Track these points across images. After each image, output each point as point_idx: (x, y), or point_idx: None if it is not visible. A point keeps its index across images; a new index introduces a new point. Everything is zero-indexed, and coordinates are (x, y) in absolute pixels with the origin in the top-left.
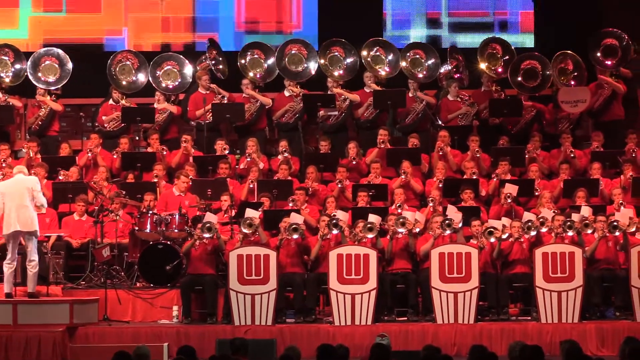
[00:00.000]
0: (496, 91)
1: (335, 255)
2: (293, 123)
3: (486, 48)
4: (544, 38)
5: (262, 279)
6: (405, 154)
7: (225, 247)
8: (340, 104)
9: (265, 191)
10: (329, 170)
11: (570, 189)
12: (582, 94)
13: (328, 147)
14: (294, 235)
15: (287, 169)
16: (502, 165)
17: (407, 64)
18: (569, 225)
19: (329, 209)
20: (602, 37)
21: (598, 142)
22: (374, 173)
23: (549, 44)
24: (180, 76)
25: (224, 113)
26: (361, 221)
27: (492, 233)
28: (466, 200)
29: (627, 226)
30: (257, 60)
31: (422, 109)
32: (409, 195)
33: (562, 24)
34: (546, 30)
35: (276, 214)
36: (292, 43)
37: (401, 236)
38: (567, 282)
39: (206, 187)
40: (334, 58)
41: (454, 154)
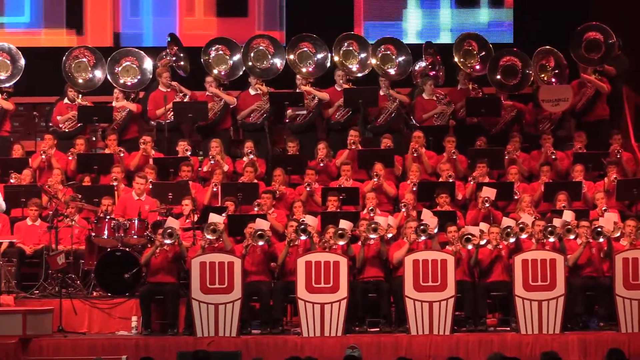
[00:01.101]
0: (473, 89)
1: (304, 263)
2: (259, 123)
3: (462, 44)
4: (524, 33)
5: (226, 288)
6: (377, 156)
7: (187, 254)
8: (308, 103)
9: (230, 195)
10: (297, 172)
11: (551, 192)
12: (563, 93)
13: (296, 148)
14: (259, 242)
15: (252, 171)
16: (480, 168)
17: (377, 60)
18: (550, 231)
19: (297, 214)
20: (585, 31)
21: (581, 143)
22: (344, 176)
23: (529, 39)
24: (140, 73)
25: (186, 112)
26: (331, 227)
27: (469, 239)
28: (442, 205)
29: (612, 232)
30: (221, 57)
31: (395, 108)
32: (382, 200)
33: (544, 17)
34: (526, 25)
35: (241, 219)
36: (259, 38)
37: (373, 242)
38: (548, 290)
39: (167, 191)
40: (303, 54)
41: (429, 155)
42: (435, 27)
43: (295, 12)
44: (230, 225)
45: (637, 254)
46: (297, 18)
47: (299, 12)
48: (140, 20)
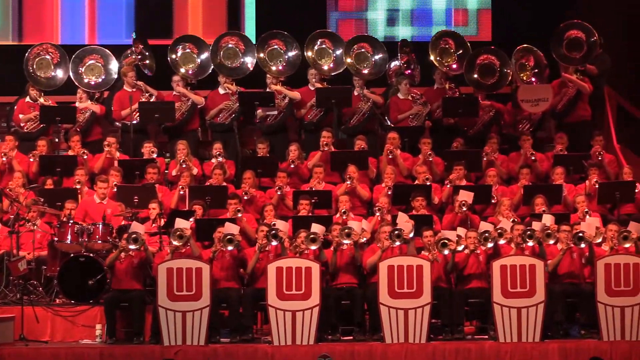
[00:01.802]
0: (450, 89)
1: (275, 269)
2: (228, 123)
3: (438, 42)
4: (502, 31)
5: (194, 295)
6: (350, 158)
7: (154, 259)
8: (279, 103)
9: (198, 198)
10: (267, 175)
11: (530, 195)
12: (543, 92)
13: (266, 149)
14: (229, 247)
15: (221, 174)
16: (457, 170)
17: (352, 59)
18: (529, 235)
19: (267, 218)
20: (566, 30)
21: (561, 145)
22: (316, 178)
23: (507, 37)
24: (105, 72)
25: (152, 113)
26: (303, 231)
27: (446, 244)
28: (417, 209)
29: (594, 237)
30: (189, 55)
31: (369, 108)
32: (355, 203)
33: (522, 15)
34: (504, 23)
35: (209, 224)
36: (228, 36)
37: (346, 248)
38: (527, 297)
39: (132, 194)
40: (273, 52)
41: (404, 157)
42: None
43: (264, 8)
44: (198, 229)
45: (619, 260)
46: (267, 14)
47: (268, 8)
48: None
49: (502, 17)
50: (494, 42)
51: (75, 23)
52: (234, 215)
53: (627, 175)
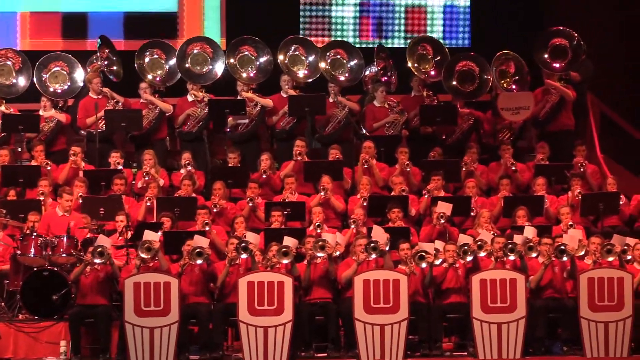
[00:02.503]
0: (428, 96)
1: (246, 283)
2: (197, 132)
3: (416, 48)
4: (481, 36)
5: (162, 310)
6: (324, 168)
7: (120, 274)
8: (250, 110)
9: (166, 210)
10: (238, 186)
11: (511, 206)
12: (524, 100)
13: (237, 159)
14: (198, 261)
15: (190, 184)
16: (435, 181)
17: (327, 65)
18: (510, 249)
19: (238, 230)
20: (550, 37)
21: (543, 154)
22: (289, 189)
23: (487, 43)
24: (70, 79)
25: (119, 121)
26: (275, 244)
27: (424, 258)
28: (394, 220)
29: (576, 250)
30: (157, 61)
31: (344, 116)
32: (329, 215)
33: (502, 20)
34: (484, 28)
35: (178, 236)
36: (195, 41)
37: (320, 261)
38: (508, 312)
39: (98, 206)
40: (244, 58)
41: (380, 167)
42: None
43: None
44: (166, 242)
45: (603, 273)
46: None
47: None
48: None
49: (481, 22)
50: (473, 48)
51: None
52: (203, 227)
53: (611, 186)
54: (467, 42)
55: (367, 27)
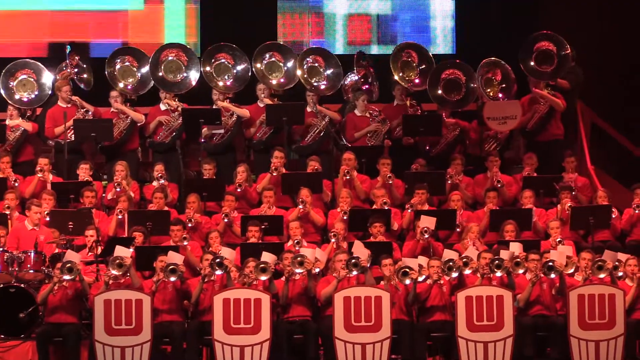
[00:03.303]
0: (411, 106)
1: (221, 301)
2: (170, 143)
3: (400, 55)
4: (467, 43)
5: (133, 329)
6: (303, 180)
7: (90, 291)
8: (226, 120)
9: (138, 224)
10: (213, 199)
11: (498, 220)
12: (511, 109)
13: (212, 171)
14: (171, 277)
15: (163, 197)
16: (419, 194)
17: (305, 73)
18: (497, 265)
19: (213, 246)
20: (536, 41)
21: (530, 166)
22: (266, 203)
23: (473, 50)
24: (38, 87)
25: (88, 131)
26: (251, 260)
27: (407, 274)
28: (376, 235)
29: (565, 267)
30: (128, 69)
31: (325, 126)
32: (308, 229)
33: (489, 26)
34: (469, 35)
35: (150, 252)
36: (170, 48)
37: (299, 277)
38: (494, 331)
39: (67, 220)
40: (220, 66)
41: (361, 179)
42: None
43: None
44: (139, 258)
45: (594, 290)
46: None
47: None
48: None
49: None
50: (458, 55)
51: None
52: (181, 242)
53: (602, 199)
54: (452, 49)
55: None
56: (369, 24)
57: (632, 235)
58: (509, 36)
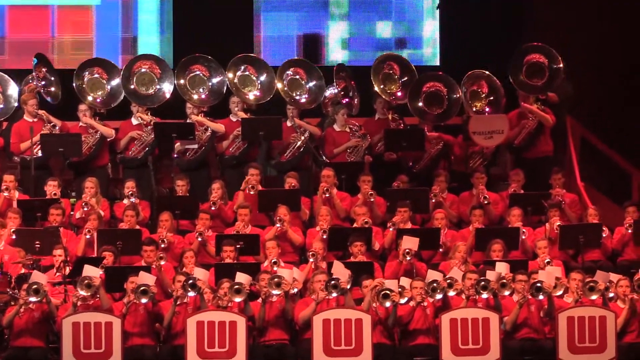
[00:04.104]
0: (394, 120)
1: (195, 323)
2: (142, 158)
3: (381, 67)
4: (451, 54)
5: (103, 353)
6: (281, 198)
7: (58, 313)
8: (200, 135)
9: (107, 244)
10: (186, 217)
11: (484, 240)
12: (498, 124)
13: (186, 188)
14: (143, 299)
15: (134, 215)
16: (401, 212)
17: (285, 85)
18: (482, 286)
19: (186, 266)
20: (525, 53)
21: (517, 183)
22: (242, 221)
23: (457, 61)
24: (4, 100)
25: (56, 146)
26: (226, 281)
27: (388, 296)
28: (356, 255)
29: (553, 288)
30: (97, 81)
31: (305, 141)
32: (286, 249)
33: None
34: (454, 45)
35: (121, 273)
36: (142, 60)
37: (276, 299)
38: (480, 355)
39: (34, 239)
40: (195, 78)
41: (340, 197)
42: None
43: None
44: (108, 279)
45: (584, 312)
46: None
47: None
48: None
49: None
50: (442, 67)
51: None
52: (157, 261)
53: (593, 217)
54: (437, 61)
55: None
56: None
57: (624, 255)
58: (496, 47)
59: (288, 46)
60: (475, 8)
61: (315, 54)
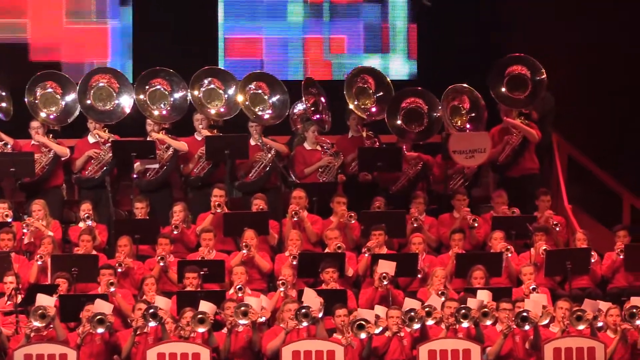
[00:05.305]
0: (368, 137)
1: (155, 355)
2: (99, 179)
3: (355, 81)
4: (430, 67)
5: None
6: (247, 221)
7: (9, 345)
8: (161, 154)
9: (62, 270)
10: (146, 241)
11: (465, 265)
12: (479, 142)
13: (146, 210)
14: (99, 329)
15: (90, 240)
16: (376, 236)
17: (247, 100)
18: (463, 314)
19: (147, 294)
20: (507, 64)
21: (499, 205)
22: (206, 246)
23: (436, 75)
24: None
25: (7, 166)
26: (189, 310)
27: (363, 327)
28: (328, 282)
29: (540, 318)
30: (51, 96)
31: (271, 160)
32: (253, 275)
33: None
34: (433, 58)
35: (77, 301)
36: (100, 73)
37: (242, 329)
38: None
39: None
40: (156, 93)
41: (312, 220)
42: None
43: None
44: (63, 308)
45: (571, 343)
46: (147, 46)
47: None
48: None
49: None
50: (420, 81)
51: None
52: (107, 288)
53: (581, 242)
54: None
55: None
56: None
57: (614, 282)
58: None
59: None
60: (451, 22)
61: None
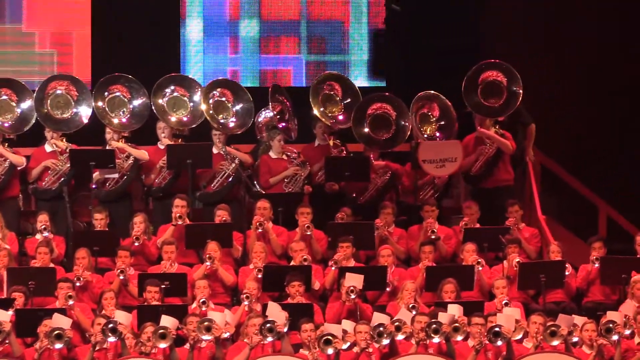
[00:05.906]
0: (335, 146)
1: None
2: (57, 189)
3: (321, 87)
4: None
5: None
6: (210, 233)
7: None
8: (121, 164)
9: (18, 284)
10: (105, 254)
11: (435, 279)
12: (450, 151)
13: (105, 222)
14: (57, 344)
15: (47, 252)
16: (343, 248)
17: (210, 108)
18: (434, 329)
19: (106, 308)
20: (481, 71)
21: (469, 216)
22: (167, 258)
23: (405, 82)
24: None
25: None
26: (150, 325)
27: (330, 342)
28: (294, 296)
29: (513, 332)
30: (6, 103)
31: (234, 170)
32: (217, 289)
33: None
34: (402, 65)
35: (33, 315)
36: (57, 80)
37: (205, 345)
38: None
39: None
40: (115, 100)
41: (277, 232)
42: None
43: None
44: (19, 322)
45: (545, 359)
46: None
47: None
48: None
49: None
50: (388, 88)
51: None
52: (65, 302)
53: (555, 254)
54: (383, 81)
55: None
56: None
57: (589, 296)
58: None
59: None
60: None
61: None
